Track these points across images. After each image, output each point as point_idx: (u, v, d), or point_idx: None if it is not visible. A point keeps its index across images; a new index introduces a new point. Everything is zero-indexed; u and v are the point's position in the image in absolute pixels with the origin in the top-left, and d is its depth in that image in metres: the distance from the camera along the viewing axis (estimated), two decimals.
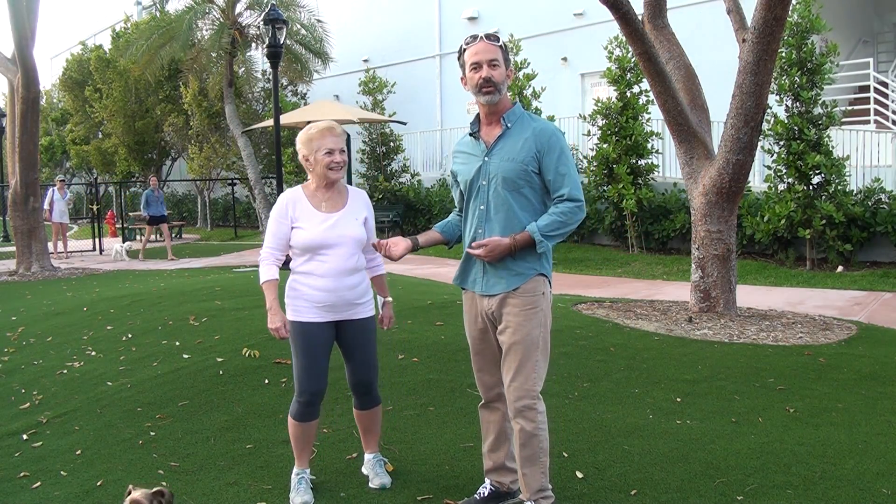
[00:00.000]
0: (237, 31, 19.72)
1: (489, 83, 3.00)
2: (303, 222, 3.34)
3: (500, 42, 3.04)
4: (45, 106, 31.15)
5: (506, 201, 3.03)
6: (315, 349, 3.34)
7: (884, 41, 17.25)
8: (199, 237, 21.38)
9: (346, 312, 3.39)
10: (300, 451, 3.46)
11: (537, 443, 3.01)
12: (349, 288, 3.35)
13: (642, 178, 13.16)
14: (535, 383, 3.01)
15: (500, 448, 3.26)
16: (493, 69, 3.00)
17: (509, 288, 3.03)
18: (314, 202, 3.38)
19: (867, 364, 5.43)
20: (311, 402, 3.38)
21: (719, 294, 7.09)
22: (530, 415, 3.00)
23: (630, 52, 12.69)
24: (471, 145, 3.19)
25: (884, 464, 3.66)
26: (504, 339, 3.05)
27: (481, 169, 3.10)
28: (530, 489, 3.05)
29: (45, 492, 3.58)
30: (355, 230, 3.37)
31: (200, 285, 8.42)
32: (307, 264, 3.35)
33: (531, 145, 3.01)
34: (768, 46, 6.48)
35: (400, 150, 18.07)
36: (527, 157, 3.00)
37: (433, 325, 6.11)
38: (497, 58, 3.01)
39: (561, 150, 3.01)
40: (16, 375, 5.58)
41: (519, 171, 3.01)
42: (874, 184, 11.02)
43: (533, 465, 3.02)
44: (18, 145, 12.37)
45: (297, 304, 3.36)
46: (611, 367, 5.30)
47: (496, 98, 3.03)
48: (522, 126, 3.06)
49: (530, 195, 3.03)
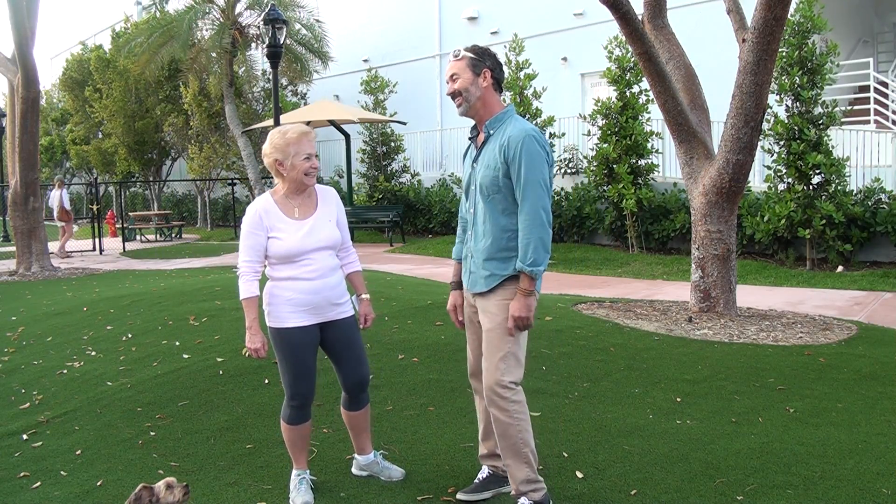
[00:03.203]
0: (237, 31, 19.71)
1: (455, 97, 3.15)
2: (278, 232, 3.27)
3: (461, 55, 3.15)
4: (45, 106, 31.15)
5: (486, 207, 3.14)
6: (302, 353, 3.30)
7: (884, 41, 17.25)
8: (199, 237, 21.38)
9: (328, 313, 3.36)
10: (297, 454, 3.44)
11: (515, 432, 3.06)
12: (331, 288, 3.35)
13: (642, 177, 13.16)
14: (504, 372, 3.06)
15: (490, 437, 3.37)
16: (454, 82, 3.15)
17: (487, 288, 3.15)
18: (286, 209, 3.31)
19: (867, 364, 5.43)
20: (303, 404, 3.36)
21: (719, 294, 7.09)
22: (502, 403, 3.06)
23: (630, 52, 12.69)
24: (469, 151, 3.31)
25: (884, 464, 3.66)
26: (483, 328, 3.18)
27: (471, 175, 3.23)
28: (515, 480, 3.10)
29: (45, 492, 3.58)
30: (331, 233, 3.36)
31: (200, 285, 8.42)
32: (287, 270, 3.29)
33: (500, 153, 3.07)
34: (768, 46, 6.48)
35: (400, 150, 18.07)
36: (497, 164, 3.07)
37: (433, 325, 6.11)
38: (455, 72, 3.15)
39: (525, 155, 3.00)
40: (16, 375, 5.58)
41: (492, 178, 3.08)
42: (874, 184, 11.02)
43: (515, 456, 3.08)
44: (18, 145, 12.37)
45: (280, 311, 3.30)
46: (611, 367, 5.30)
47: (465, 108, 3.15)
48: (499, 133, 3.12)
49: (505, 200, 3.09)
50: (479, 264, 3.16)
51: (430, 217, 16.85)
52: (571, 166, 15.43)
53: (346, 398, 3.51)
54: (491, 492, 3.33)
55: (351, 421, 3.55)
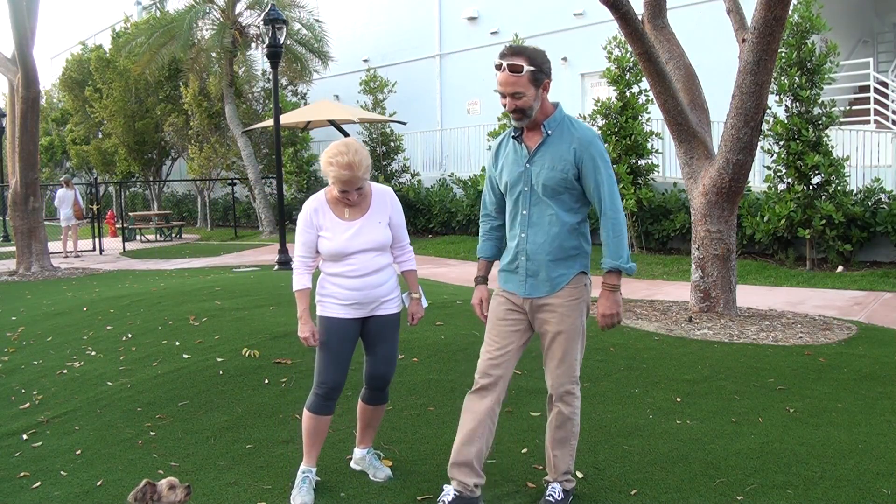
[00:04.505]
0: (237, 31, 19.72)
1: (516, 112, 3.04)
2: (327, 231, 3.38)
3: (522, 71, 2.96)
4: (45, 106, 31.14)
5: (548, 206, 3.12)
6: (338, 342, 3.40)
7: (884, 41, 17.25)
8: (199, 237, 21.38)
9: (372, 309, 3.45)
10: (309, 447, 3.46)
11: (571, 426, 3.21)
12: (375, 286, 3.42)
13: (642, 177, 13.15)
14: (577, 369, 3.20)
15: (473, 443, 3.13)
16: (517, 100, 3.00)
17: (552, 291, 3.15)
18: (337, 210, 3.41)
19: (867, 364, 5.43)
20: (329, 395, 3.41)
21: (719, 294, 7.09)
22: (569, 399, 3.19)
23: (629, 52, 12.69)
24: (513, 149, 3.21)
25: (884, 464, 3.66)
26: (549, 328, 3.16)
27: (523, 174, 3.15)
28: (558, 471, 3.24)
29: (45, 492, 3.58)
30: (378, 235, 3.41)
31: (200, 285, 8.42)
32: (334, 267, 3.42)
33: (571, 154, 3.06)
34: (768, 46, 6.48)
35: (400, 150, 18.06)
36: (566, 165, 3.06)
37: (433, 325, 6.11)
38: (519, 90, 2.98)
39: (599, 158, 3.06)
40: (16, 375, 5.58)
41: (559, 179, 3.07)
42: (874, 184, 11.02)
43: (563, 448, 3.22)
44: (18, 145, 12.37)
45: (326, 301, 3.44)
46: (611, 367, 5.30)
47: (526, 122, 3.08)
48: (562, 133, 3.09)
49: (570, 199, 3.12)
50: (544, 265, 3.13)
51: (430, 217, 16.84)
52: None
53: (366, 391, 3.60)
54: None
55: (363, 414, 3.64)
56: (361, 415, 3.65)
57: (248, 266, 12.66)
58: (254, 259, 14.15)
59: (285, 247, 11.30)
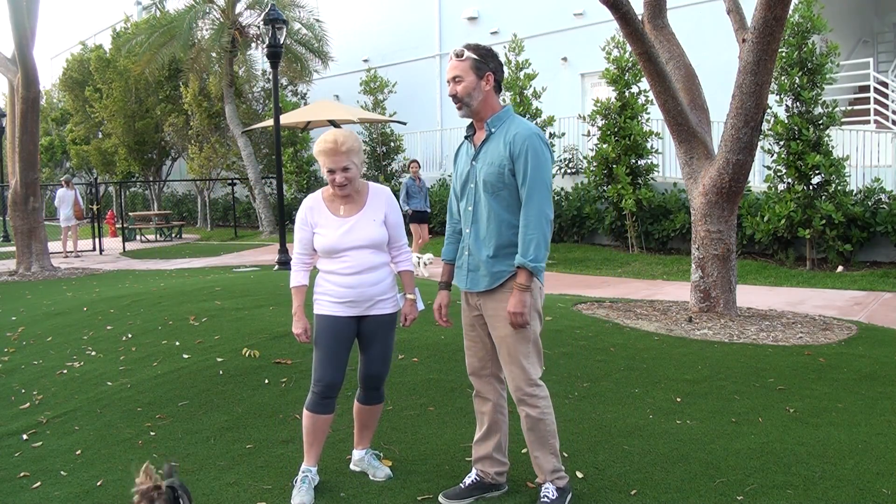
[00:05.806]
0: (237, 31, 19.72)
1: (455, 99, 3.17)
2: (321, 228, 3.43)
3: (464, 56, 3.14)
4: (45, 106, 31.15)
5: (489, 203, 3.16)
6: (334, 341, 3.40)
7: (884, 41, 17.25)
8: (199, 237, 21.38)
9: (368, 308, 3.45)
10: (309, 446, 3.47)
11: (544, 426, 3.18)
12: (370, 285, 3.42)
13: (642, 178, 13.16)
14: (531, 371, 3.15)
15: (490, 439, 3.35)
16: (457, 84, 3.15)
17: (491, 286, 3.17)
18: (332, 207, 3.46)
19: (867, 364, 5.43)
20: (326, 393, 3.41)
21: (719, 294, 7.09)
22: (533, 401, 3.16)
23: (628, 52, 12.70)
24: (465, 148, 3.33)
25: (884, 464, 3.66)
26: (495, 333, 3.19)
27: (470, 172, 3.24)
28: (544, 471, 3.23)
29: (45, 492, 3.58)
30: (372, 232, 3.42)
31: (200, 285, 8.42)
32: (328, 264, 3.44)
33: (506, 149, 3.10)
34: (768, 46, 6.48)
35: (400, 150, 18.07)
36: (502, 160, 3.11)
37: (433, 325, 6.09)
38: (459, 74, 3.14)
39: (532, 154, 3.06)
40: (16, 375, 5.58)
41: (496, 175, 3.12)
42: (874, 184, 11.02)
43: (542, 448, 3.20)
44: (18, 145, 12.37)
45: (322, 299, 3.46)
46: (611, 367, 5.30)
47: (465, 111, 3.20)
48: (502, 130, 3.16)
49: (509, 196, 3.14)
50: (483, 262, 3.17)
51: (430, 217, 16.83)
52: (571, 166, 15.44)
53: (361, 391, 3.61)
54: (472, 498, 3.33)
55: (359, 414, 3.65)
56: (357, 415, 3.66)
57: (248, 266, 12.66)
58: (254, 259, 14.16)
59: (285, 247, 11.30)
